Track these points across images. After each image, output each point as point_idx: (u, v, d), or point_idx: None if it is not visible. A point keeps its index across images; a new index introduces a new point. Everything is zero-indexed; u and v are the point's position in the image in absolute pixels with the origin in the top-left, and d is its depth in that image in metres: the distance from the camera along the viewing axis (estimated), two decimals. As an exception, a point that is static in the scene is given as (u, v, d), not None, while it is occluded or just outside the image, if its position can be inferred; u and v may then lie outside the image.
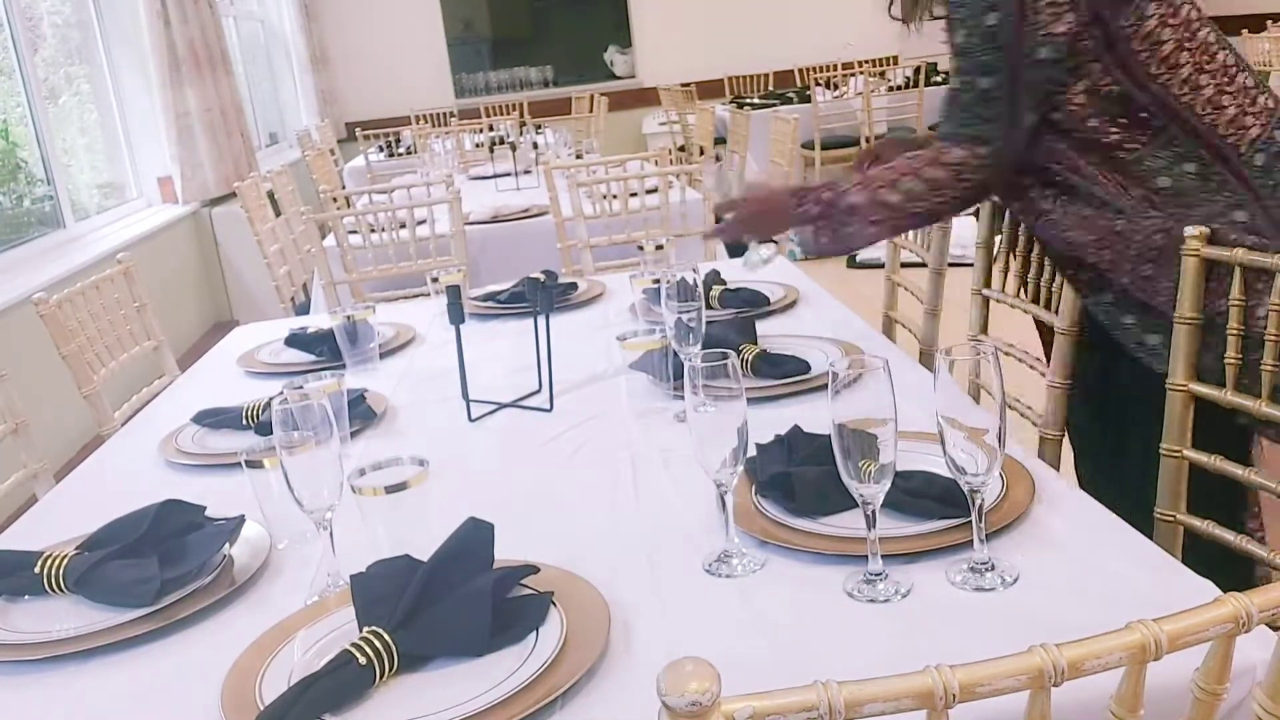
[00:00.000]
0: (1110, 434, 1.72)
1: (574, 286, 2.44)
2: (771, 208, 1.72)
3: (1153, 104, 1.52)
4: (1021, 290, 1.93)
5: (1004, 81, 1.54)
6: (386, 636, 1.00)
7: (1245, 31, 6.94)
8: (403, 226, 3.43)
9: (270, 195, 4.19)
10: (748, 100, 8.07)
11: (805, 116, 5.93)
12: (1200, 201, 1.51)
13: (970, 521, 1.08)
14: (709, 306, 2.02)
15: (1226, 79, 1.53)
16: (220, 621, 1.17)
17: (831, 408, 1.04)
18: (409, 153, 6.90)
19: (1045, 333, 1.84)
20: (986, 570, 1.07)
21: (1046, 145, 1.58)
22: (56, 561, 1.23)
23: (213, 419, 1.77)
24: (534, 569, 1.10)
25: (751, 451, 1.28)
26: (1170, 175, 1.52)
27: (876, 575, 1.08)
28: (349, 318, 2.00)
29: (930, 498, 1.18)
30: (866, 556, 1.08)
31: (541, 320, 1.78)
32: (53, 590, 1.23)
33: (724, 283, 2.21)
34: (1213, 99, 1.52)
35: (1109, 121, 1.53)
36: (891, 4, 1.71)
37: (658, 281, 2.30)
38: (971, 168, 1.57)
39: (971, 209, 1.70)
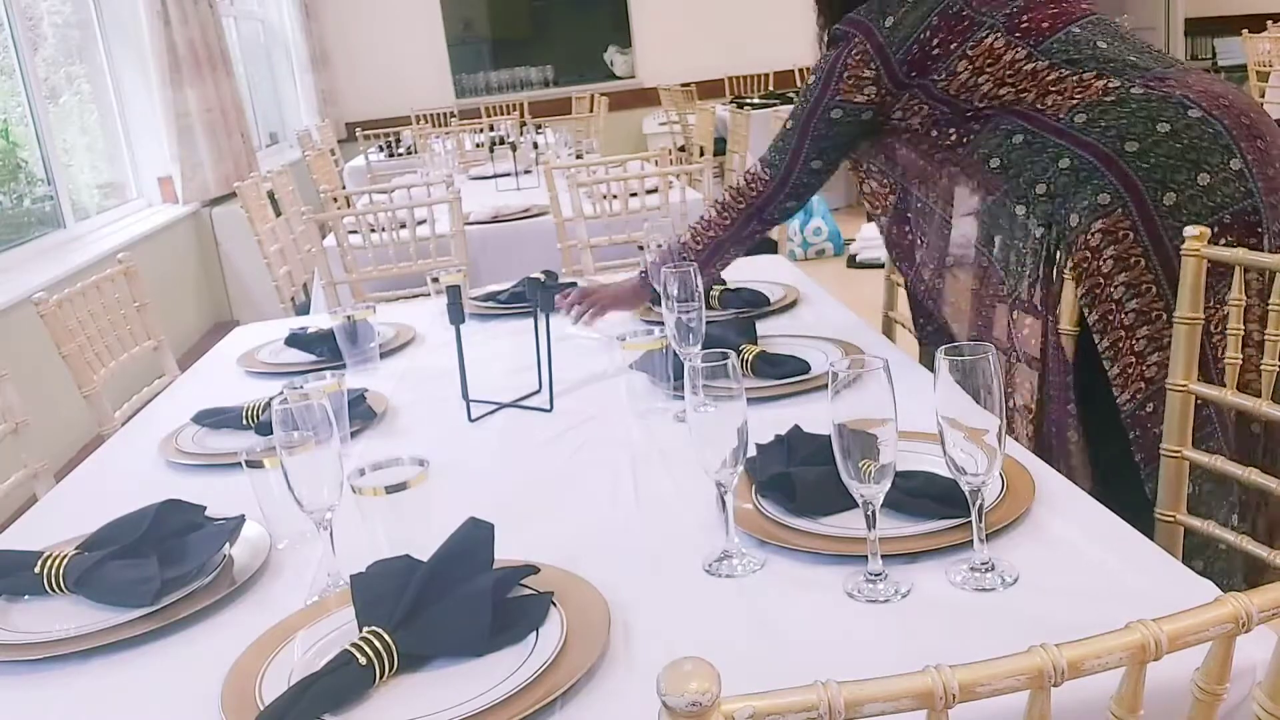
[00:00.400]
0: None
1: (574, 286, 2.43)
2: (626, 289, 2.09)
3: (975, 120, 1.76)
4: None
5: (797, 126, 1.88)
6: (386, 636, 1.00)
7: (1245, 31, 6.93)
8: (403, 226, 3.43)
9: (270, 195, 4.19)
10: (748, 100, 8.07)
11: (805, 116, 5.91)
12: (1027, 166, 1.72)
13: (970, 521, 1.08)
14: (709, 306, 2.02)
15: (1055, 81, 1.70)
16: (220, 621, 1.17)
17: (831, 408, 1.03)
18: (409, 153, 6.90)
19: None
20: (986, 570, 1.07)
21: (899, 154, 1.90)
22: (56, 561, 1.23)
23: (213, 419, 1.77)
24: (534, 569, 1.10)
25: (751, 451, 1.28)
26: (999, 153, 1.75)
27: (876, 575, 1.08)
28: (349, 318, 2.00)
29: (930, 498, 1.18)
30: (866, 556, 1.08)
31: (541, 320, 1.78)
32: (53, 590, 1.23)
33: (724, 283, 2.21)
34: (1035, 101, 1.71)
35: (946, 126, 1.79)
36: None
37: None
38: (758, 182, 1.94)
39: (773, 224, 2.01)
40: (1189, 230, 1.43)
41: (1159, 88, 1.66)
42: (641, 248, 2.33)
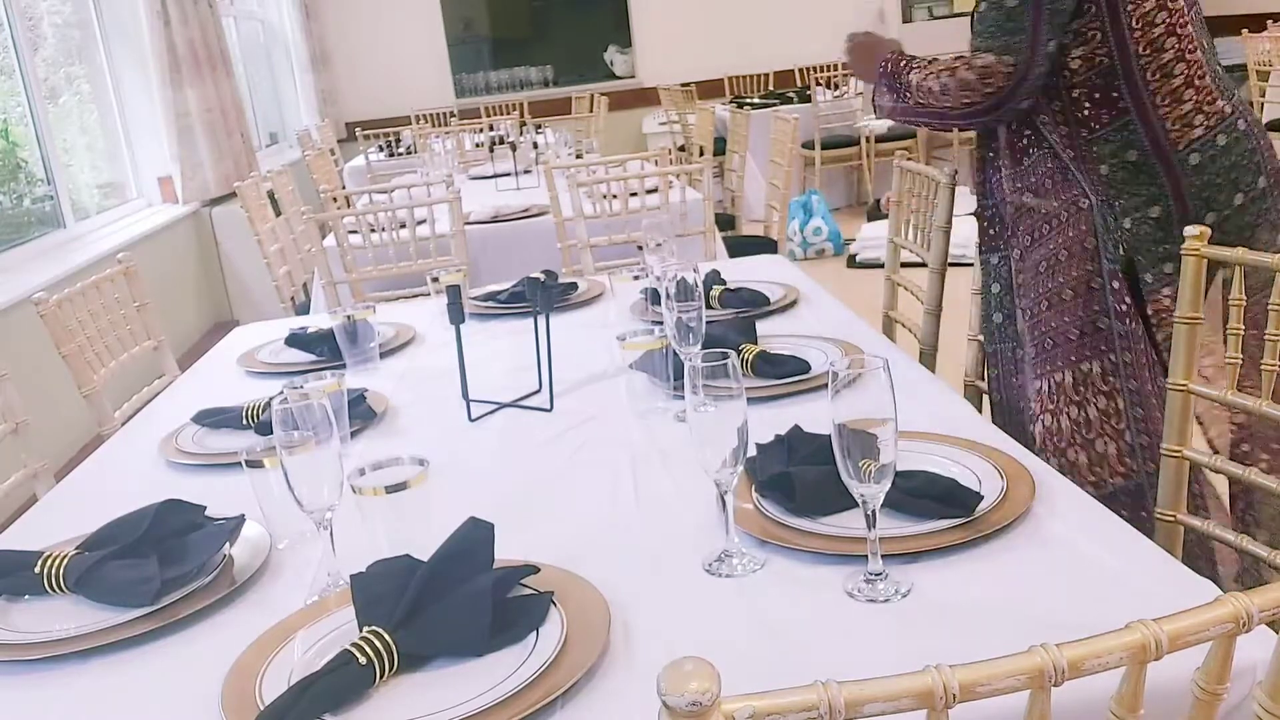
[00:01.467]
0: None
1: (574, 286, 2.44)
2: (873, 53, 1.92)
3: (1126, 84, 1.65)
4: None
5: (1027, 2, 1.64)
6: (387, 636, 1.00)
7: (1245, 31, 6.92)
8: (403, 226, 3.43)
9: (270, 195, 4.19)
10: (748, 100, 8.06)
11: (805, 116, 5.92)
12: (1124, 193, 1.67)
13: (971, 521, 1.08)
14: (709, 306, 2.02)
15: (1198, 73, 1.64)
16: (220, 621, 1.17)
17: (831, 408, 1.04)
18: (409, 153, 6.90)
19: None
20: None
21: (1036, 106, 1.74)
22: (56, 561, 1.23)
23: (213, 419, 1.77)
24: (534, 569, 1.10)
25: (751, 451, 1.28)
26: (1110, 164, 1.68)
27: (876, 575, 1.08)
28: (349, 317, 2.00)
29: (930, 498, 1.18)
30: (866, 556, 1.08)
31: (541, 320, 1.78)
32: (53, 590, 1.23)
33: (724, 283, 2.21)
34: (1176, 91, 1.64)
35: (1086, 95, 1.68)
36: None
37: (638, 278, 2.32)
38: (997, 75, 1.68)
39: (981, 124, 1.81)
40: (1189, 230, 1.43)
41: (1232, 102, 1.65)
42: (641, 248, 2.33)
